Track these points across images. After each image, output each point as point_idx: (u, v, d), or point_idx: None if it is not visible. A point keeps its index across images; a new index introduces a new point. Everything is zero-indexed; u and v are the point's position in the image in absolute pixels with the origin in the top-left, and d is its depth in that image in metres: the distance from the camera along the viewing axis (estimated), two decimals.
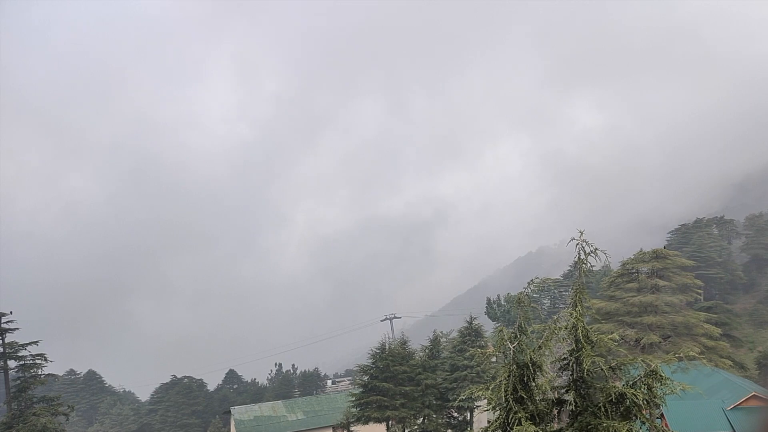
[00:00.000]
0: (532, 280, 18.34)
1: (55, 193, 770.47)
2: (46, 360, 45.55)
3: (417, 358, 48.36)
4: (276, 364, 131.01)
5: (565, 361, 16.42)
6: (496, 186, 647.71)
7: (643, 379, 15.58)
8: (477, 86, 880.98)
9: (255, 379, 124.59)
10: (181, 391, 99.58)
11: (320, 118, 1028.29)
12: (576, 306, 16.46)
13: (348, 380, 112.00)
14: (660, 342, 48.33)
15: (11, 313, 44.81)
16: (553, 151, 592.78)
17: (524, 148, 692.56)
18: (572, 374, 16.30)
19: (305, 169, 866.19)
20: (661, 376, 15.46)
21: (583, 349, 15.67)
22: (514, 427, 14.93)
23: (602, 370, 15.59)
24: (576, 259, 16.84)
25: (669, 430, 30.10)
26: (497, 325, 77.71)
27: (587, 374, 15.65)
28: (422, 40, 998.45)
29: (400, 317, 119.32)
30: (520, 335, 16.37)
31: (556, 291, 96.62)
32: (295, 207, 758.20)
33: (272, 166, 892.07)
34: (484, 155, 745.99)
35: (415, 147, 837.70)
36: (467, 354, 46.00)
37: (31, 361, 44.80)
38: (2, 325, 44.33)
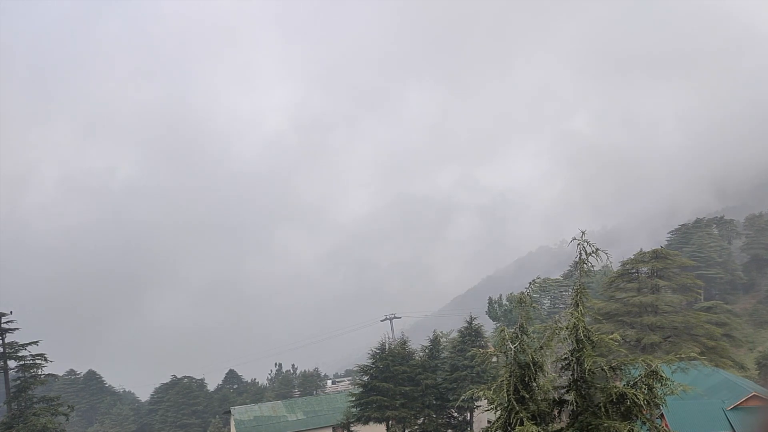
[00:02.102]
0: (533, 281, 18.38)
1: (65, 185, 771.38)
2: (46, 360, 45.59)
3: (417, 358, 48.38)
4: (276, 364, 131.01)
5: (566, 361, 16.42)
6: (519, 181, 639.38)
7: (643, 380, 15.59)
8: (511, 84, 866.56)
9: (255, 379, 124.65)
10: (181, 391, 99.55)
11: (362, 110, 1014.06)
12: (577, 306, 16.46)
13: (348, 380, 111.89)
14: (660, 342, 48.29)
15: (11, 312, 44.89)
16: (581, 146, 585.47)
17: (548, 145, 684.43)
18: (573, 374, 16.30)
19: (327, 165, 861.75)
20: (661, 376, 15.48)
21: (584, 349, 15.67)
22: (516, 426, 14.93)
23: (603, 370, 15.61)
24: (577, 259, 16.85)
25: (669, 430, 30.10)
26: (498, 325, 77.79)
27: (588, 374, 15.66)
28: (468, 32, 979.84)
29: (400, 317, 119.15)
30: (522, 335, 16.37)
31: (556, 291, 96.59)
32: (316, 203, 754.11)
33: (296, 162, 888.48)
34: (510, 151, 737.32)
35: (446, 142, 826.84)
36: (467, 354, 45.99)
37: (31, 361, 44.82)
38: (2, 325, 44.36)
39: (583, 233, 16.59)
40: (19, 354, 44.69)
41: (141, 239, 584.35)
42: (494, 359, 16.82)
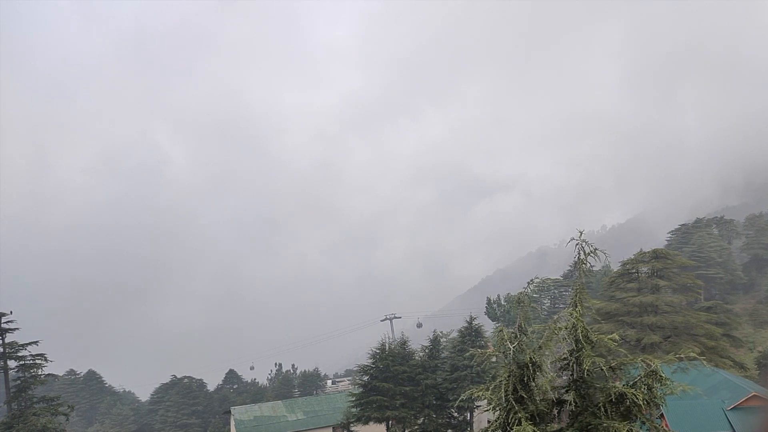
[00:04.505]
0: (531, 280, 18.40)
1: (60, 190, 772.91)
2: (46, 360, 45.61)
3: (417, 358, 48.38)
4: (276, 364, 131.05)
5: (565, 361, 16.41)
6: (546, 176, 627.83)
7: (643, 380, 15.57)
8: (556, 81, 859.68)
9: (255, 379, 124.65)
10: (181, 391, 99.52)
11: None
12: (576, 306, 16.46)
13: (348, 380, 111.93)
14: (660, 342, 48.28)
15: (11, 312, 44.88)
16: (615, 140, 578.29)
17: (583, 141, 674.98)
18: (572, 374, 16.29)
19: (357, 161, 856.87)
20: (660, 376, 15.45)
21: (583, 350, 15.66)
22: (514, 427, 14.92)
23: (602, 370, 15.58)
24: (576, 259, 16.85)
25: (669, 430, 30.09)
26: (497, 325, 77.72)
27: (587, 374, 15.64)
28: (518, 26, 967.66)
29: (400, 317, 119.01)
30: (520, 335, 16.36)
31: (556, 291, 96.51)
32: (329, 200, 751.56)
33: (324, 161, 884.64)
34: (547, 146, 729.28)
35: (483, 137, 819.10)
36: (467, 354, 46.02)
37: (31, 361, 44.83)
38: (2, 325, 44.35)
39: (581, 233, 16.59)
40: (19, 354, 44.69)
41: (143, 240, 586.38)
42: (493, 359, 16.82)
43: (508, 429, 15.29)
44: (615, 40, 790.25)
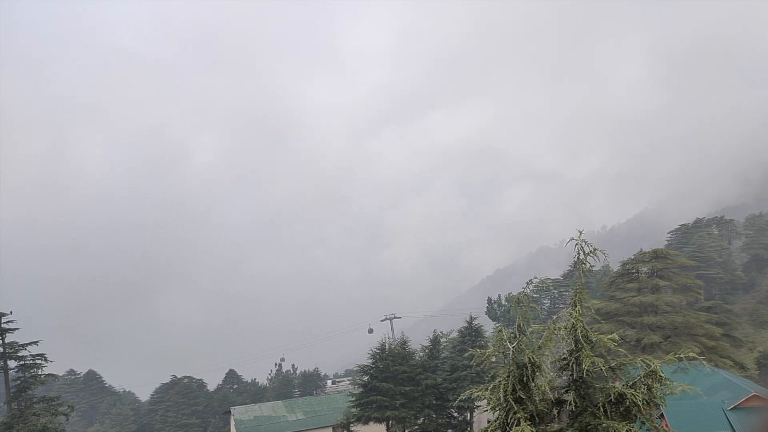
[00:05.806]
0: (530, 280, 18.33)
1: (59, 187, 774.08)
2: (46, 360, 45.60)
3: (417, 358, 48.40)
4: (276, 364, 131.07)
5: (565, 362, 16.39)
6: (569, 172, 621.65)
7: (642, 380, 15.55)
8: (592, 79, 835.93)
9: (255, 379, 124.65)
10: (181, 391, 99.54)
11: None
12: (576, 306, 16.44)
13: (348, 380, 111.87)
14: (660, 342, 48.27)
15: (11, 313, 44.86)
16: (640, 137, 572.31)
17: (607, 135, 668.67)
18: (572, 374, 16.28)
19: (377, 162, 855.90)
20: (660, 376, 15.44)
21: (583, 350, 15.65)
22: (513, 427, 14.91)
23: (602, 370, 15.57)
24: (575, 259, 16.84)
25: (669, 430, 30.07)
26: (497, 325, 77.66)
27: (587, 374, 15.63)
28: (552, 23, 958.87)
29: (401, 317, 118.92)
30: (520, 335, 16.34)
31: (555, 291, 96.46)
32: (353, 203, 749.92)
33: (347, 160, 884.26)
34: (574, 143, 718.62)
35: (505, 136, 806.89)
36: (467, 354, 46.04)
37: (31, 361, 44.82)
38: (2, 325, 44.34)
39: (581, 233, 16.58)
40: (19, 354, 44.69)
41: (143, 240, 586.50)
42: (493, 359, 16.85)
43: (507, 429, 15.28)
44: (641, 38, 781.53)
